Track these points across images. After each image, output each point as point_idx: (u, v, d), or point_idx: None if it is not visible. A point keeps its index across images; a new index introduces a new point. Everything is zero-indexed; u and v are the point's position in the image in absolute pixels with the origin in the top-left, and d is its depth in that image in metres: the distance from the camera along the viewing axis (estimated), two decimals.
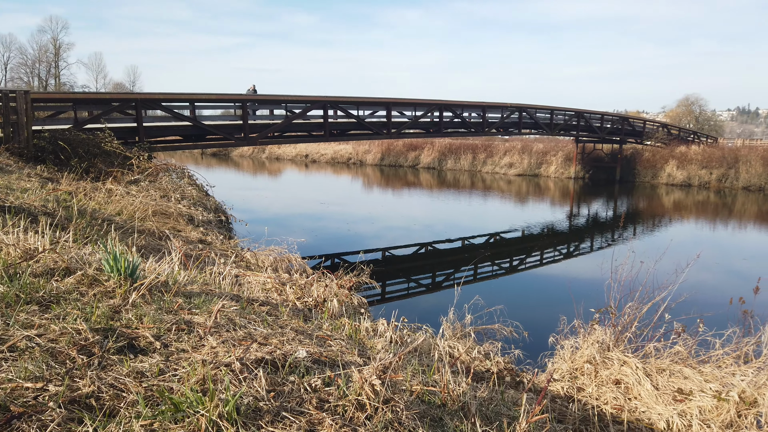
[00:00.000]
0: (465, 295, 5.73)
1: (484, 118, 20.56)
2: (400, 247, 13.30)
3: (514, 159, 35.78)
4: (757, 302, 4.72)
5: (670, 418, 3.95)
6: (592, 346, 4.77)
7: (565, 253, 13.97)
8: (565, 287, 8.32)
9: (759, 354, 4.45)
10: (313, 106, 15.11)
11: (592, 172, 33.03)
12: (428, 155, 39.36)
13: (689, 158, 30.17)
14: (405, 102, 17.65)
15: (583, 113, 27.00)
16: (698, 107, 51.31)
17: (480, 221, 18.47)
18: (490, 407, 2.68)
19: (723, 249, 14.32)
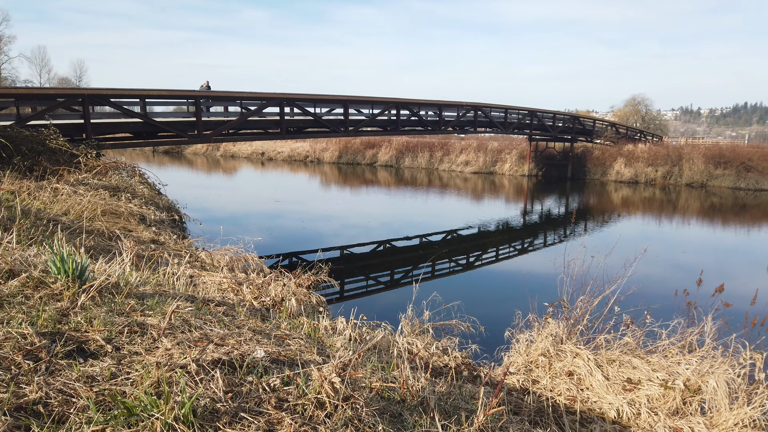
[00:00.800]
0: (423, 291, 5.78)
1: (441, 117, 20.77)
2: (359, 245, 13.31)
3: (470, 157, 36.29)
4: (700, 294, 4.94)
5: (620, 407, 4.10)
6: (546, 340, 4.90)
7: (519, 249, 14.28)
8: (520, 282, 8.51)
9: (702, 343, 4.66)
10: (269, 103, 14.92)
11: (545, 169, 33.85)
12: (386, 153, 39.47)
13: (636, 156, 31.31)
14: (362, 100, 17.64)
15: (536, 112, 27.64)
16: (644, 107, 53.26)
17: (437, 219, 18.67)
18: (449, 401, 2.72)
19: (668, 243, 14.95)
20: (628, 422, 3.99)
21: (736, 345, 4.44)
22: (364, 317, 5.44)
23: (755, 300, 4.50)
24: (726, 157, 29.40)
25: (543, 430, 3.26)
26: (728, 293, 4.76)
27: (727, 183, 28.51)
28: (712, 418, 3.97)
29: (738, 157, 29.25)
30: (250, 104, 14.98)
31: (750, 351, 4.29)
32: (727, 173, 28.72)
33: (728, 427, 3.84)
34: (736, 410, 3.89)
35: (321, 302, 6.54)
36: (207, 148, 46.33)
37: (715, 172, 28.95)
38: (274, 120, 15.61)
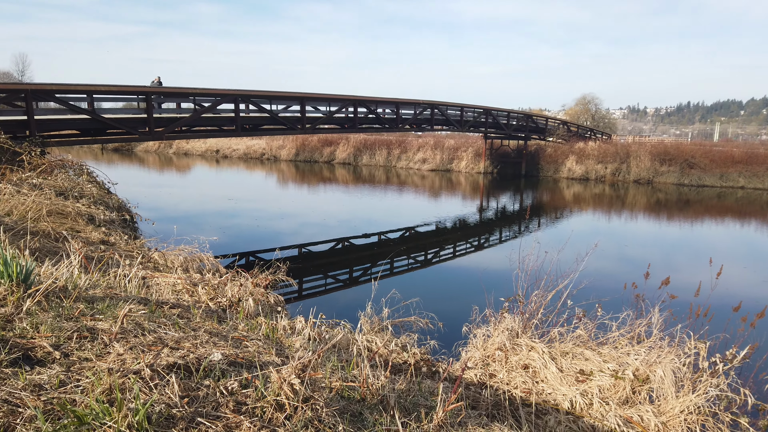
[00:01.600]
0: (382, 289, 5.80)
1: (398, 115, 20.85)
2: (317, 243, 13.23)
3: (427, 155, 36.59)
4: (648, 286, 5.14)
5: (574, 398, 4.23)
6: (502, 334, 5.00)
7: (476, 245, 14.50)
8: (476, 278, 8.65)
9: (650, 334, 4.85)
10: (224, 99, 14.63)
11: (500, 167, 34.48)
12: (343, 151, 39.36)
13: (587, 154, 32.27)
14: (319, 97, 17.53)
15: (491, 111, 28.09)
16: (594, 106, 54.87)
17: (396, 216, 18.75)
18: (408, 398, 2.74)
19: (617, 238, 15.48)
20: (581, 412, 4.12)
21: (681, 335, 4.64)
22: (324, 316, 5.41)
23: (698, 292, 4.72)
24: (670, 155, 30.66)
25: (500, 423, 3.33)
26: (674, 285, 4.97)
27: (672, 179, 29.74)
28: (660, 406, 4.14)
29: (681, 155, 30.55)
30: (204, 101, 14.65)
31: (694, 341, 4.49)
32: (672, 170, 29.96)
33: (675, 414, 4.01)
34: (682, 398, 4.07)
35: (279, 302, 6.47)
36: (159, 145, 45.08)
37: (660, 169, 30.15)
38: (229, 117, 15.32)
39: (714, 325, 4.65)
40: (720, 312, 4.63)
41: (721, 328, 4.57)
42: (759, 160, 29.00)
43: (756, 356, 4.30)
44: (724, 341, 4.52)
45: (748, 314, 4.37)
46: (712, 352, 4.41)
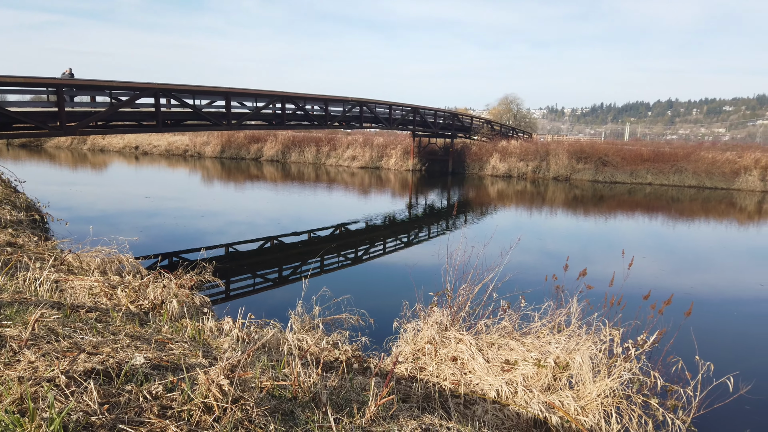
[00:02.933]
0: (313, 287, 5.75)
1: (327, 112, 20.74)
2: (245, 242, 12.93)
3: (356, 152, 36.64)
4: (567, 278, 5.41)
5: (500, 387, 4.38)
6: (431, 328, 5.10)
7: (405, 241, 14.69)
8: (406, 273, 8.76)
9: (569, 323, 5.11)
10: (143, 93, 13.97)
11: (428, 164, 35.09)
12: (271, 147, 38.68)
13: (510, 152, 33.47)
14: (245, 92, 17.11)
15: (419, 109, 28.52)
16: (516, 106, 56.99)
17: (326, 213, 18.66)
18: (341, 395, 2.74)
19: (539, 232, 16.17)
20: (507, 400, 4.28)
21: (597, 323, 4.92)
22: (252, 316, 5.31)
23: (612, 282, 5.01)
24: (586, 153, 32.37)
25: (431, 414, 3.39)
26: (590, 277, 5.26)
27: (587, 176, 31.43)
28: (579, 390, 4.37)
29: (596, 153, 32.33)
30: (121, 94, 13.91)
31: (609, 328, 4.78)
32: (587, 167, 31.66)
33: (592, 399, 4.25)
34: (599, 382, 4.32)
35: (205, 303, 6.28)
36: (72, 141, 42.44)
37: (577, 167, 31.77)
38: (149, 112, 14.64)
39: (626, 313, 4.97)
40: (632, 300, 4.94)
41: (632, 316, 4.89)
42: (664, 159, 31.20)
43: (664, 341, 4.63)
44: (635, 328, 4.83)
45: (656, 302, 4.69)
46: (625, 338, 4.71)
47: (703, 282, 10.93)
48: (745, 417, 5.14)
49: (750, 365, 6.50)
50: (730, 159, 30.09)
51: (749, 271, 12.18)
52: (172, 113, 15.87)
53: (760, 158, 29.92)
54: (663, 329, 4.61)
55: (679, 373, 4.45)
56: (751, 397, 4.54)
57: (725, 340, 7.58)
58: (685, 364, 4.44)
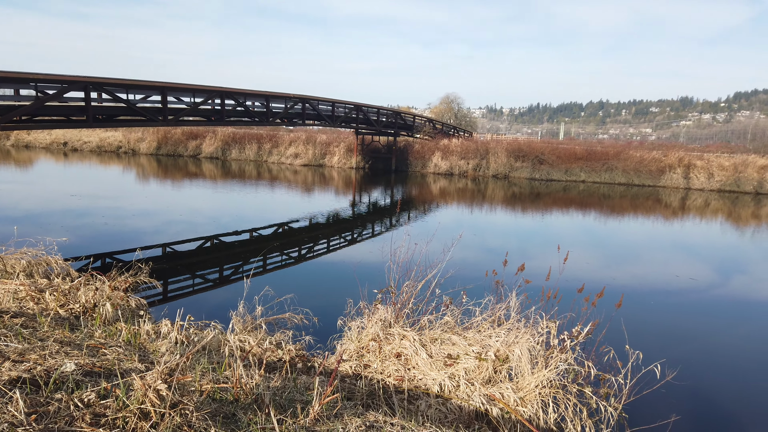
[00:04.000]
0: (255, 286, 5.66)
1: (268, 108, 20.40)
2: (183, 242, 12.54)
3: (299, 149, 36.26)
4: (506, 273, 5.56)
5: (443, 381, 4.46)
6: (376, 325, 5.12)
7: (349, 239, 14.67)
8: (351, 271, 8.76)
9: (509, 317, 5.26)
10: (72, 87, 13.26)
11: (371, 162, 35.18)
12: (211, 144, 37.70)
13: (451, 150, 34.06)
14: (182, 87, 16.56)
15: (362, 107, 28.53)
16: (456, 105, 58.09)
17: (268, 212, 18.37)
18: (284, 395, 2.71)
19: (479, 229, 16.54)
20: (450, 394, 4.36)
21: (535, 316, 5.09)
22: (192, 318, 5.16)
23: (549, 276, 5.20)
24: (524, 152, 33.38)
25: (375, 411, 3.41)
26: (528, 271, 5.42)
27: (525, 174, 32.43)
28: (518, 382, 4.51)
29: (533, 152, 33.40)
30: (48, 87, 13.16)
31: (546, 321, 4.95)
32: (525, 166, 32.66)
33: (531, 389, 4.39)
34: (537, 373, 4.47)
35: (142, 305, 6.06)
36: None
37: (515, 165, 32.71)
38: (79, 106, 13.92)
39: (562, 306, 5.16)
40: (567, 293, 5.15)
41: (568, 308, 5.09)
42: (597, 157, 32.61)
43: (597, 332, 4.85)
44: (571, 320, 5.03)
45: (590, 295, 4.90)
46: (561, 330, 4.89)
47: (632, 274, 11.51)
48: (672, 402, 5.45)
49: (675, 353, 6.90)
50: (656, 158, 31.81)
51: (673, 264, 12.92)
52: (104, 108, 15.16)
53: (683, 157, 31.80)
54: (596, 320, 4.82)
55: (611, 362, 4.67)
56: (677, 383, 4.83)
57: (652, 330, 8.01)
58: (616, 354, 4.67)
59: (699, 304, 9.63)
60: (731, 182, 29.63)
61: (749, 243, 16.46)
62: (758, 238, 17.21)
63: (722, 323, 8.58)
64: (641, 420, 4.59)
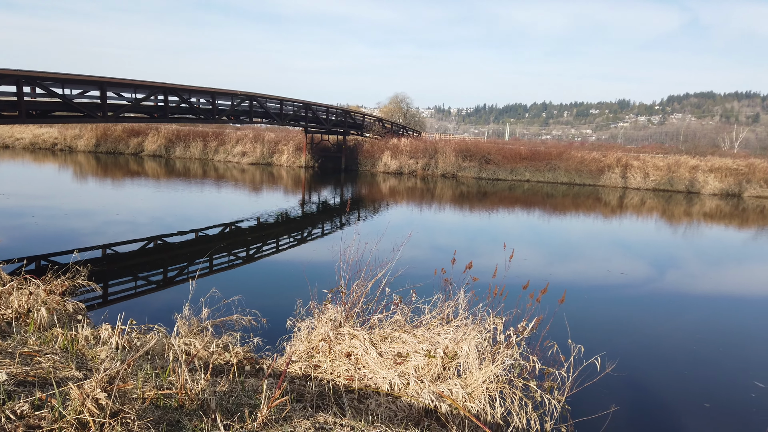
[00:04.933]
0: (201, 288, 5.52)
1: (214, 105, 19.93)
2: (125, 243, 12.08)
3: (246, 148, 35.62)
4: (455, 271, 5.65)
5: (393, 379, 4.48)
6: (326, 325, 5.09)
7: (299, 239, 14.53)
8: (300, 271, 8.69)
9: (457, 314, 5.34)
10: (2, 80, 12.54)
11: (321, 161, 34.96)
12: (153, 142, 36.51)
13: (400, 149, 34.28)
14: (123, 83, 15.94)
15: (311, 105, 28.31)
16: (406, 105, 58.48)
17: (214, 211, 17.95)
18: (231, 399, 2.66)
19: (429, 227, 16.74)
20: (400, 392, 4.39)
21: (482, 313, 5.19)
22: (134, 322, 4.98)
23: (495, 273, 5.31)
24: (471, 152, 33.99)
25: (325, 412, 3.40)
26: (476, 269, 5.53)
27: (472, 174, 33.04)
28: (466, 378, 4.59)
29: (480, 152, 34.06)
30: None
31: (493, 317, 5.06)
32: (472, 165, 33.27)
33: (478, 385, 4.48)
34: (484, 369, 4.56)
35: (80, 310, 5.81)
36: None
37: (463, 164, 33.27)
38: (10, 101, 13.18)
39: (508, 302, 5.29)
40: (513, 290, 5.27)
41: (514, 304, 5.21)
42: (540, 157, 33.59)
43: (541, 327, 4.99)
44: (516, 316, 5.16)
45: (534, 291, 5.04)
46: (507, 326, 5.01)
47: (574, 271, 11.93)
48: (612, 393, 5.69)
49: (615, 346, 7.20)
50: (596, 158, 33.06)
51: (612, 260, 13.47)
52: (38, 103, 14.42)
53: (621, 157, 33.19)
54: (540, 316, 4.96)
55: (554, 356, 4.82)
56: (616, 374, 5.04)
57: (593, 324, 8.33)
58: (559, 348, 4.82)
59: (636, 298, 10.08)
60: (665, 182, 31.15)
61: (681, 240, 17.37)
62: (689, 235, 18.17)
63: (657, 316, 9.01)
64: (583, 411, 4.76)
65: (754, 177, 30.32)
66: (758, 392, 6.17)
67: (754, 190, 29.98)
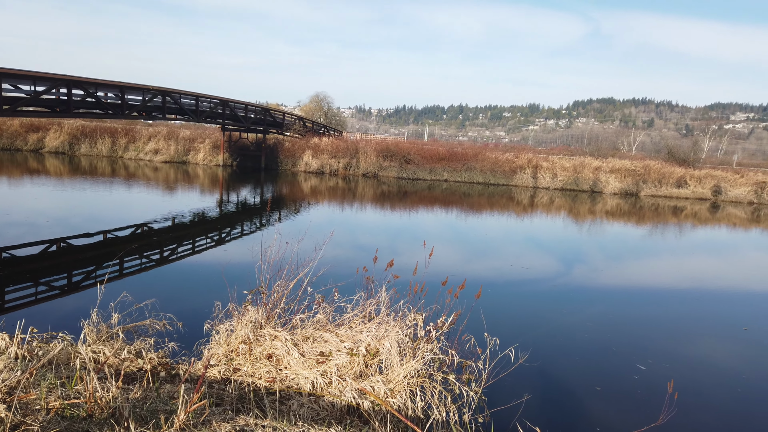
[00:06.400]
0: (111, 293, 5.23)
1: (124, 100, 18.92)
2: (23, 246, 11.19)
3: (160, 145, 34.08)
4: (377, 269, 5.71)
5: (315, 379, 4.47)
6: (246, 327, 4.99)
7: (217, 239, 14.10)
8: (219, 273, 8.43)
9: (379, 312, 5.41)
10: None
11: (239, 159, 34.09)
12: (56, 138, 34.10)
13: (322, 149, 34.12)
14: (20, 74, 14.77)
15: (228, 102, 27.55)
16: (326, 104, 58.25)
17: (125, 212, 17.01)
18: (146, 406, 2.55)
19: (351, 226, 16.78)
20: (322, 392, 4.39)
21: (404, 310, 5.29)
22: (35, 330, 4.64)
23: (416, 271, 5.43)
24: (392, 152, 34.44)
25: (245, 415, 3.33)
26: (397, 267, 5.62)
27: (393, 173, 33.48)
28: (388, 374, 4.66)
29: (400, 152, 34.58)
30: None
31: (414, 314, 5.17)
32: (393, 165, 33.72)
33: (400, 380, 4.56)
34: (405, 365, 4.65)
35: None
36: None
37: (384, 164, 33.63)
38: None
39: (428, 299, 5.42)
40: (432, 287, 5.41)
41: (433, 301, 5.35)
42: (458, 158, 34.61)
43: (459, 321, 5.16)
44: (436, 311, 5.30)
45: (453, 287, 5.20)
46: (427, 321, 5.14)
47: (490, 266, 12.40)
48: (525, 383, 5.98)
49: (527, 337, 7.57)
50: (509, 159, 34.54)
51: (524, 255, 14.14)
52: None
53: (532, 158, 34.87)
54: (458, 311, 5.13)
55: (472, 350, 5.00)
56: (529, 365, 5.30)
57: (507, 317, 8.71)
58: (476, 341, 5.01)
59: (546, 291, 10.64)
60: (571, 182, 33.06)
61: (586, 236, 18.52)
62: (593, 232, 19.42)
63: (564, 308, 9.56)
64: (499, 401, 4.97)
65: (649, 177, 32.85)
66: (640, 374, 6.72)
67: (650, 190, 32.49)
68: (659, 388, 6.13)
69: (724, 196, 32.35)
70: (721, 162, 50.47)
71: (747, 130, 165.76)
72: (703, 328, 9.05)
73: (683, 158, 38.03)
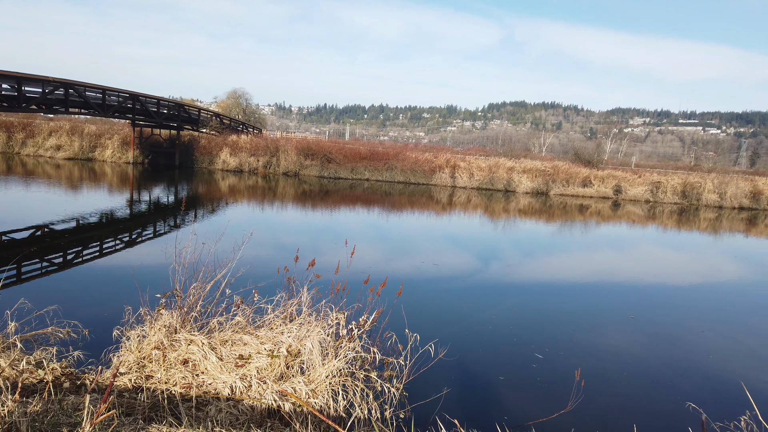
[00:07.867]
0: (7, 299, 4.84)
1: (21, 92, 17.49)
2: None
3: (62, 141, 31.86)
4: (298, 269, 5.65)
5: (234, 383, 4.35)
6: (159, 332, 4.77)
7: (127, 241, 13.37)
8: (129, 276, 8.00)
9: (300, 312, 5.35)
10: None
11: (151, 157, 32.52)
12: None
13: (240, 147, 33.27)
14: None
15: (139, 96, 26.21)
16: (245, 101, 56.81)
17: (22, 212, 15.73)
18: (47, 420, 2.38)
19: (271, 226, 16.47)
20: (242, 395, 4.28)
21: (326, 309, 5.27)
22: None
23: (338, 270, 5.42)
24: (313, 150, 34.18)
25: (159, 424, 3.19)
26: (319, 266, 5.59)
27: (314, 172, 33.24)
28: (310, 375, 4.62)
29: (322, 151, 34.40)
30: None
31: (336, 313, 5.16)
32: (314, 164, 33.47)
33: (322, 380, 4.54)
34: (327, 364, 4.63)
35: None
36: None
37: (305, 163, 33.31)
38: None
39: (350, 297, 5.43)
40: (354, 285, 5.42)
41: (355, 299, 5.37)
42: (379, 157, 34.92)
43: (381, 319, 5.21)
44: (358, 310, 5.32)
45: (374, 285, 5.24)
46: (349, 320, 5.15)
47: (410, 264, 12.61)
48: (444, 377, 6.14)
49: (446, 333, 7.76)
50: (429, 159, 35.30)
51: (444, 253, 14.51)
52: None
53: (450, 158, 35.83)
54: (380, 309, 5.18)
55: (393, 346, 5.07)
56: (447, 359, 5.45)
57: (427, 313, 8.90)
58: (398, 338, 5.08)
59: (464, 287, 10.97)
60: (487, 181, 34.29)
61: (501, 233, 19.29)
62: (507, 229, 20.25)
63: (482, 303, 9.91)
64: (420, 396, 5.07)
65: (558, 177, 34.71)
66: (538, 363, 7.12)
67: (558, 189, 34.34)
68: (564, 376, 6.49)
69: (624, 194, 34.77)
70: (621, 163, 54.17)
71: (644, 134, 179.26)
72: (597, 318, 9.70)
73: (588, 159, 40.47)
